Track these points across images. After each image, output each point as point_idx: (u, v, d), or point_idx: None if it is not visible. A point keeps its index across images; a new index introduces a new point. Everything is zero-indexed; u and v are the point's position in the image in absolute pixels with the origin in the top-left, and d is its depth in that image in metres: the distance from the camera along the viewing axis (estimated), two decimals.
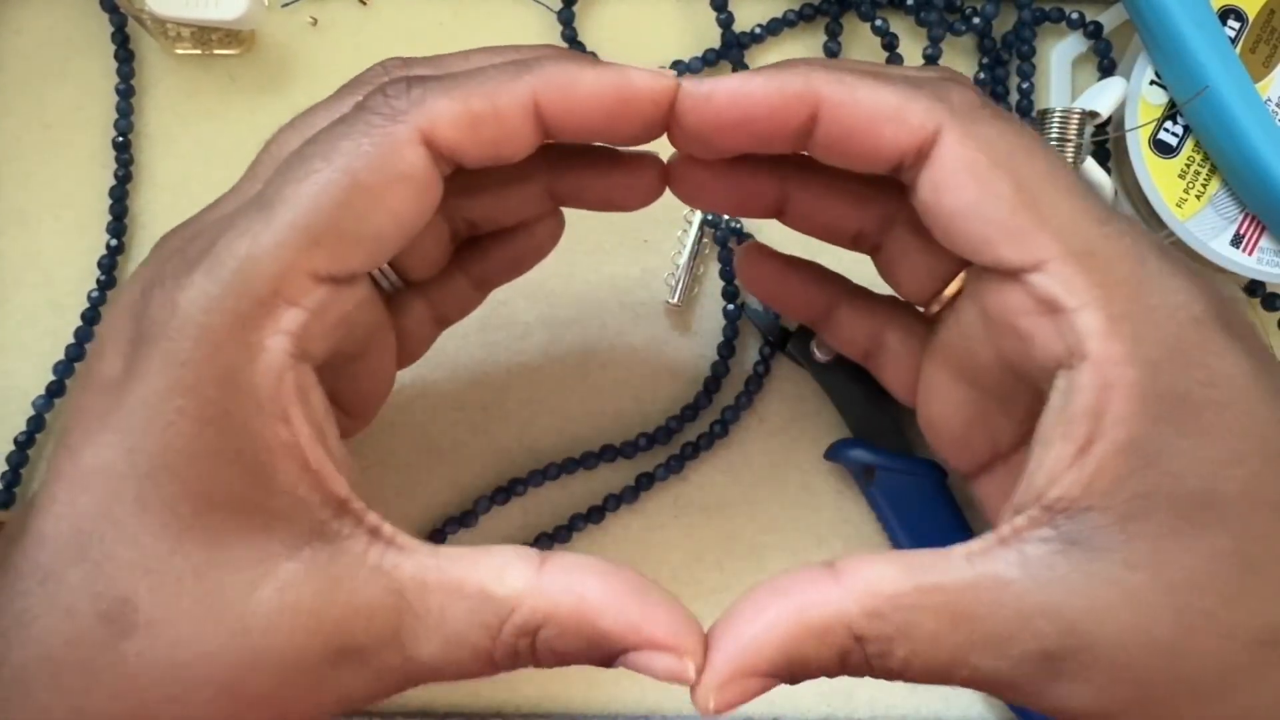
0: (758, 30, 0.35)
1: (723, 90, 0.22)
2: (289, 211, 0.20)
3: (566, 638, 0.20)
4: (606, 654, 0.20)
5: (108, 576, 0.19)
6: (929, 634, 0.19)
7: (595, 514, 0.33)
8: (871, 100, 0.21)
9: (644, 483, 0.33)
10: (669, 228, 0.35)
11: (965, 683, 0.20)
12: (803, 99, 0.22)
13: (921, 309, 0.26)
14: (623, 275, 0.35)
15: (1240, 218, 0.32)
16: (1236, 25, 0.32)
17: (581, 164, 0.26)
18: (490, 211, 0.27)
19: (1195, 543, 0.19)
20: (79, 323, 0.34)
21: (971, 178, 0.21)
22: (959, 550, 0.20)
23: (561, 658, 0.20)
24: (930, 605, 0.20)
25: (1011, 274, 0.21)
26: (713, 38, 0.35)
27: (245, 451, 0.19)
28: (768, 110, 0.22)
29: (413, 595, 0.20)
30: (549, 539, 0.33)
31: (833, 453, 0.33)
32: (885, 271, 0.27)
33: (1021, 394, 0.23)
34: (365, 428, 0.27)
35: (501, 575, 0.20)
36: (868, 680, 0.23)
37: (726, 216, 0.34)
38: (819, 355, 0.33)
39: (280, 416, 0.20)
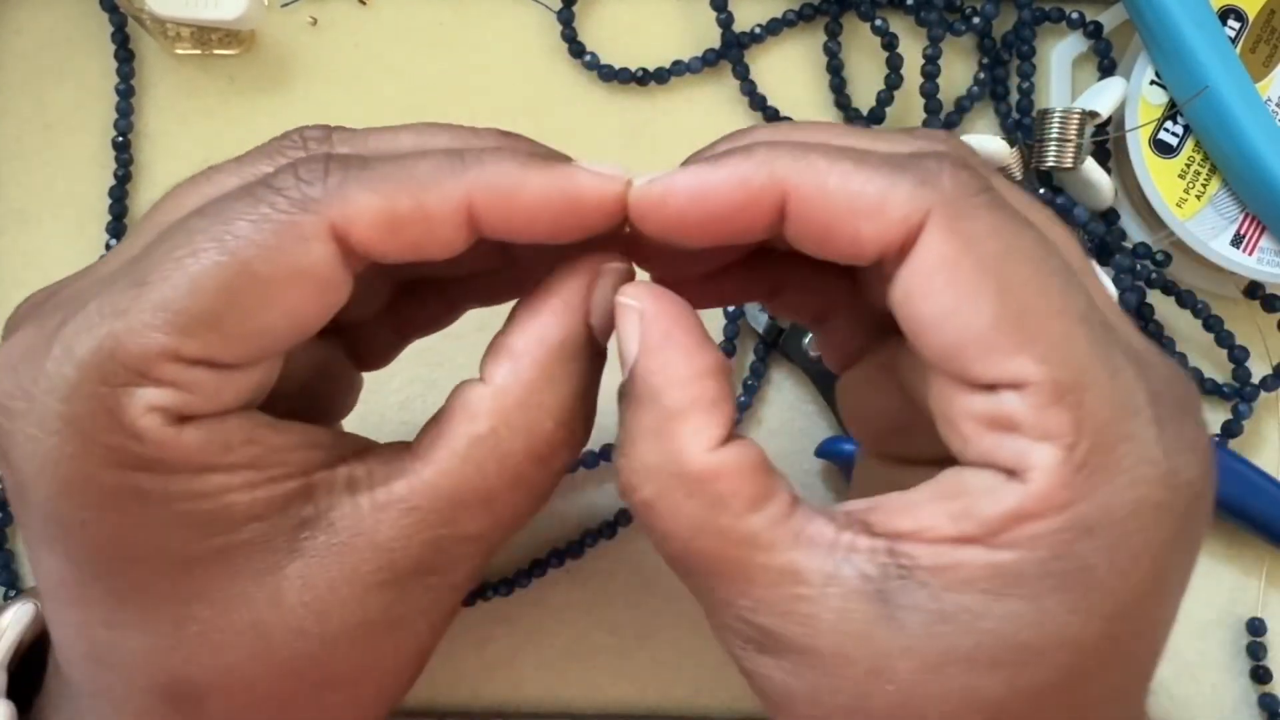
0: (758, 30, 0.35)
1: (678, 191, 0.20)
2: (161, 290, 0.18)
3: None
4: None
5: (141, 671, 0.19)
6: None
7: (608, 529, 0.33)
8: (845, 191, 0.19)
9: None
10: None
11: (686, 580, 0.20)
12: (768, 192, 0.19)
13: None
14: None
15: (1240, 218, 0.32)
16: (1236, 25, 0.32)
17: None
18: (439, 271, 0.24)
19: (977, 677, 0.18)
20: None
21: (950, 282, 0.18)
22: (795, 523, 0.19)
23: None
24: (730, 535, 0.19)
25: (980, 385, 0.19)
26: (713, 38, 0.35)
27: (183, 515, 0.18)
28: (730, 209, 0.19)
29: (423, 501, 0.20)
30: (561, 554, 0.33)
31: (824, 449, 0.33)
32: (863, 279, 0.24)
33: None
34: (341, 419, 0.26)
35: (473, 415, 0.20)
36: None
37: None
38: (812, 352, 0.33)
39: (198, 469, 0.18)
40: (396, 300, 0.25)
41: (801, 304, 0.25)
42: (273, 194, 0.18)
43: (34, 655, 0.24)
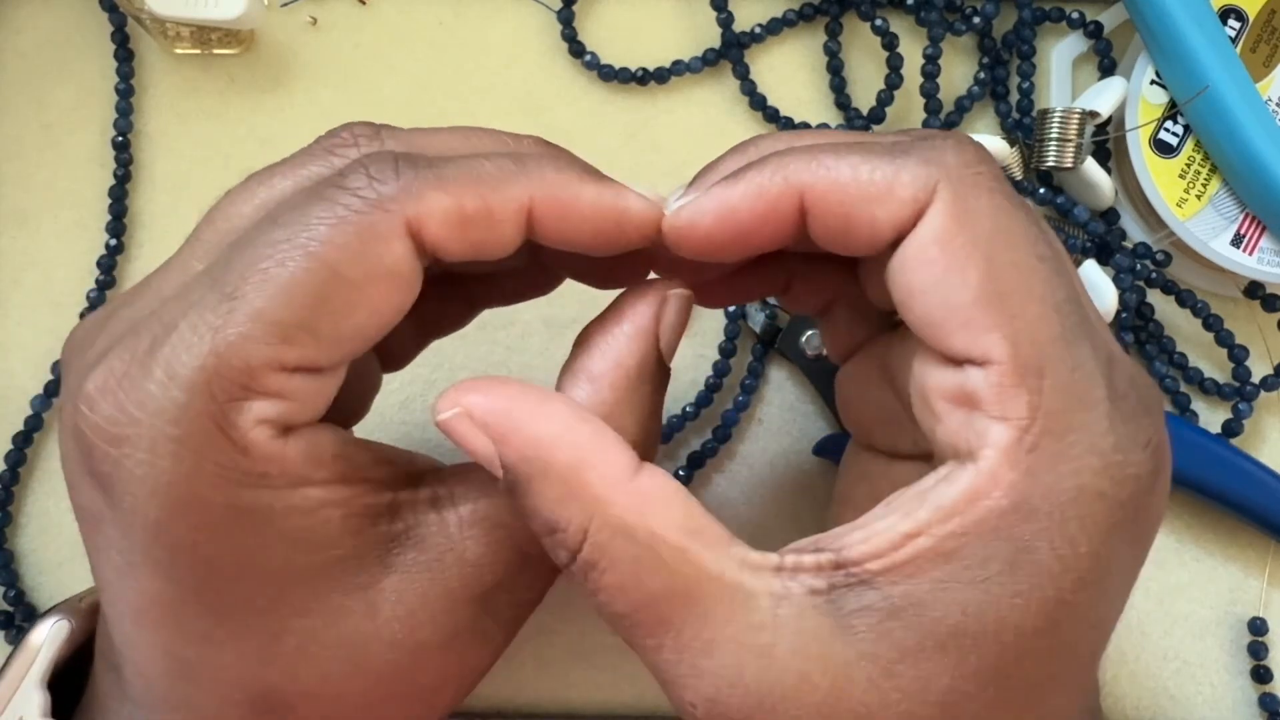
0: (758, 30, 0.35)
1: (705, 214, 0.20)
2: (255, 302, 0.18)
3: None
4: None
5: (233, 684, 0.20)
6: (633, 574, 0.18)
7: None
8: (855, 180, 0.19)
9: None
10: None
11: (625, 635, 0.19)
12: (786, 198, 0.20)
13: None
14: None
15: (1240, 218, 0.32)
16: (1237, 25, 0.32)
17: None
18: (468, 267, 0.24)
19: (925, 668, 0.18)
20: (78, 323, 0.34)
21: (942, 255, 0.19)
22: (736, 550, 0.19)
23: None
24: (662, 567, 0.18)
25: (953, 359, 0.19)
26: (713, 37, 0.35)
27: (285, 530, 0.19)
28: (754, 222, 0.20)
29: (508, 519, 0.20)
30: None
31: (821, 447, 0.33)
32: (863, 275, 0.24)
33: None
34: (359, 421, 0.27)
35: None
36: None
37: None
38: (808, 350, 0.33)
39: (298, 483, 0.19)
40: (420, 299, 0.25)
41: (808, 298, 0.26)
42: (347, 194, 0.19)
43: (67, 673, 0.24)
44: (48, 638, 0.23)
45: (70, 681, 0.23)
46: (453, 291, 0.26)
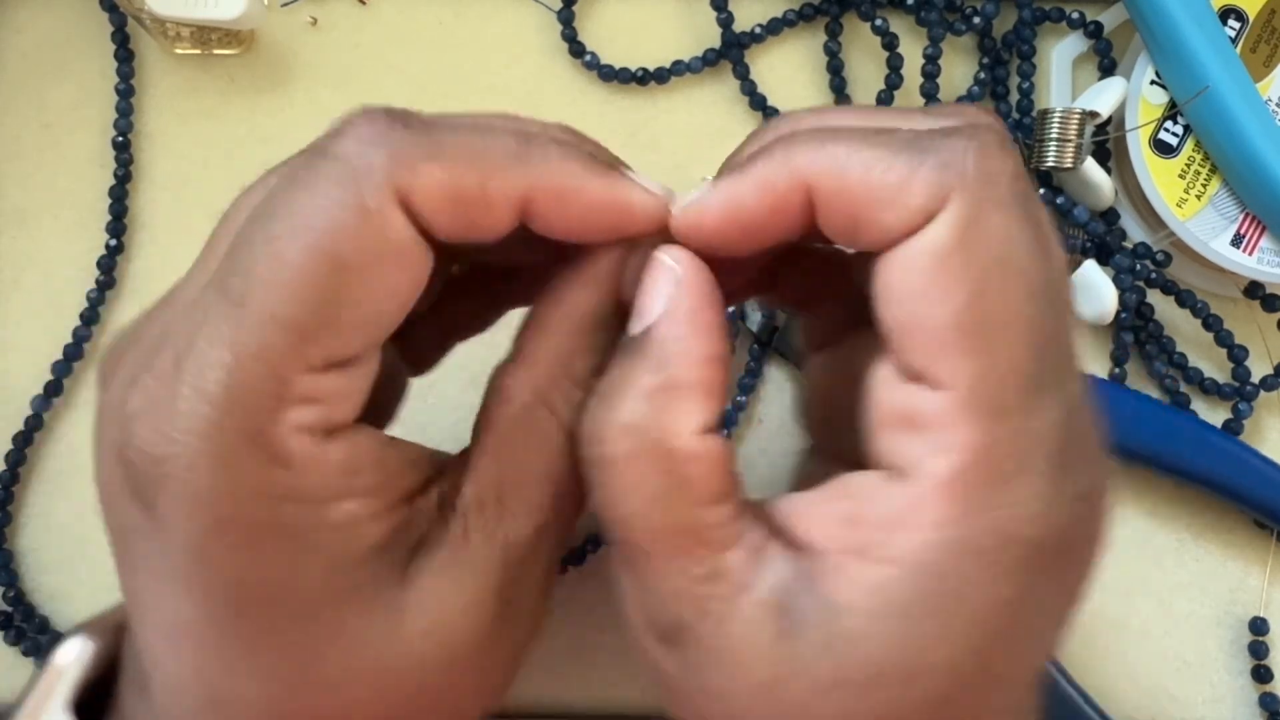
0: (758, 30, 0.35)
1: (711, 211, 0.20)
2: (264, 305, 0.17)
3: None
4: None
5: (263, 714, 0.19)
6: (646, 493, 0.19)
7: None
8: (864, 181, 0.18)
9: None
10: None
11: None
12: (794, 192, 0.19)
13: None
14: None
15: (1240, 218, 0.32)
16: (1237, 25, 0.32)
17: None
18: (486, 257, 0.24)
19: (846, 705, 0.18)
20: (78, 323, 0.34)
21: (932, 267, 0.18)
22: (744, 518, 0.19)
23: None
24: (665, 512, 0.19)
25: (910, 373, 0.18)
26: (713, 37, 0.35)
27: (322, 544, 0.18)
28: (762, 217, 0.20)
29: (488, 494, 0.20)
30: (563, 560, 0.33)
31: None
32: (855, 262, 0.23)
33: None
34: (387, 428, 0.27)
35: (508, 394, 0.20)
36: None
37: None
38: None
39: (336, 496, 0.18)
40: (442, 300, 0.25)
41: (793, 296, 0.26)
42: (331, 163, 0.18)
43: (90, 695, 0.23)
44: (74, 660, 0.22)
45: (95, 701, 0.23)
46: (475, 291, 0.26)
